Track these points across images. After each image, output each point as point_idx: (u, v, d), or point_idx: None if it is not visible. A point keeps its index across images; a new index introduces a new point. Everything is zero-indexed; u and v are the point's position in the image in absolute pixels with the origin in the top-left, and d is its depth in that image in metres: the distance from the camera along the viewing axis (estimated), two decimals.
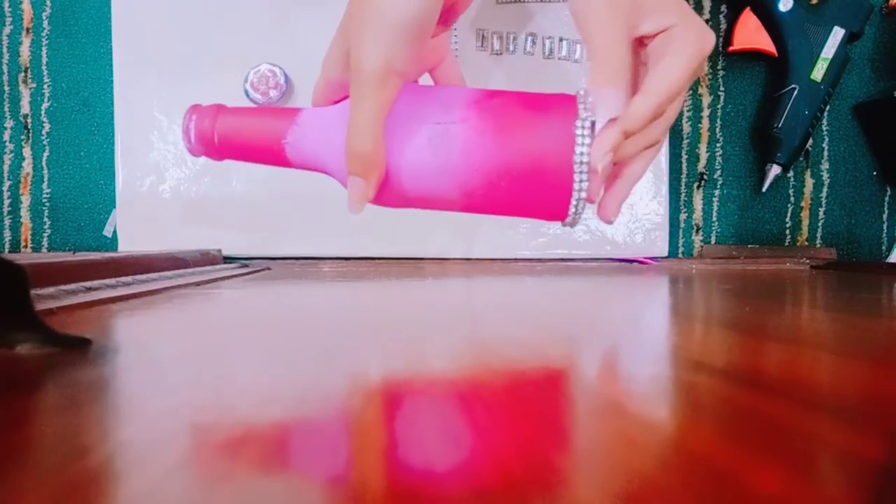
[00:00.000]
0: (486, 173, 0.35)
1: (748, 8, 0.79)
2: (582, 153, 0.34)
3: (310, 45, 0.75)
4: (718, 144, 0.86)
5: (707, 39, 0.36)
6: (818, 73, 0.78)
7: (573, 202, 0.35)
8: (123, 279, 0.45)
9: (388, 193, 0.38)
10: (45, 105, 0.84)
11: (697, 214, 0.86)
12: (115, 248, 0.81)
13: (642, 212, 0.78)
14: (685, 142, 0.86)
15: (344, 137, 0.36)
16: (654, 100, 0.35)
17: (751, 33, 0.79)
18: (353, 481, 0.13)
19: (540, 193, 0.35)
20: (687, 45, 0.35)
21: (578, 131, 0.34)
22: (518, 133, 0.35)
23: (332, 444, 0.15)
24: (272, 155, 0.39)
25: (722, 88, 0.85)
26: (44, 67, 0.83)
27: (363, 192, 0.36)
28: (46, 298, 0.34)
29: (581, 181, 0.34)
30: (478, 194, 0.36)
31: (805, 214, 0.87)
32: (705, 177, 0.86)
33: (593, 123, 0.34)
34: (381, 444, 0.15)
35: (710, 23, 0.84)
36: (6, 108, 0.84)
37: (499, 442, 0.15)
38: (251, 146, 0.40)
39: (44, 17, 0.83)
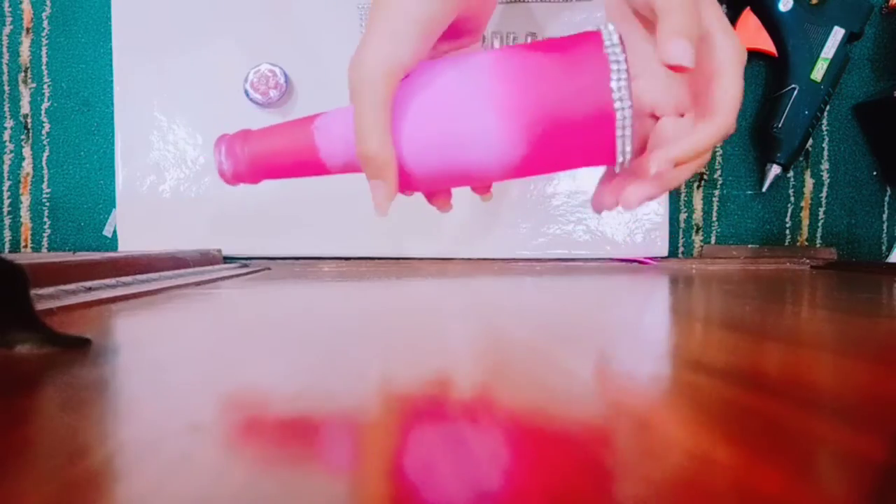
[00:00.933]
0: (526, 132, 0.34)
1: (748, 8, 0.79)
2: (620, 88, 0.32)
3: (310, 44, 0.75)
4: (718, 144, 0.86)
5: (743, 50, 0.36)
6: (818, 73, 0.78)
7: (619, 138, 0.33)
8: (123, 279, 0.45)
9: (429, 177, 0.37)
10: (45, 105, 0.84)
11: (697, 214, 0.86)
12: (114, 248, 0.81)
13: (642, 211, 0.78)
14: None
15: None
16: (727, 121, 0.36)
17: (751, 33, 0.79)
18: (354, 482, 0.13)
19: (584, 137, 0.34)
20: (735, 62, 0.35)
21: (612, 63, 0.33)
22: (550, 83, 0.34)
23: (333, 445, 0.15)
24: (309, 165, 0.39)
25: None
26: (44, 67, 0.83)
27: (384, 192, 0.36)
28: (46, 298, 0.34)
29: (624, 118, 0.33)
30: (522, 155, 0.35)
31: (805, 214, 0.87)
32: (705, 177, 0.86)
33: (624, 52, 0.33)
34: (382, 446, 0.15)
35: None
36: (6, 108, 0.84)
37: (498, 443, 0.15)
38: (285, 162, 0.39)
39: (44, 17, 0.83)
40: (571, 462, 0.13)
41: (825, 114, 0.85)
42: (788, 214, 0.86)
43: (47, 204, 0.84)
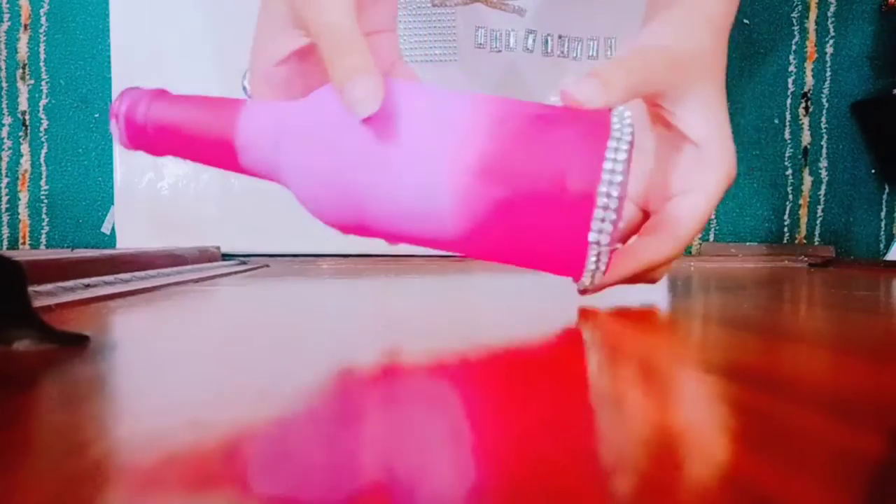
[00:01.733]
0: (482, 204, 0.29)
1: None
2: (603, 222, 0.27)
3: None
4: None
5: (733, 170, 0.33)
6: None
7: (591, 260, 0.29)
8: (122, 276, 0.45)
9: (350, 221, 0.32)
10: (43, 101, 0.83)
11: None
12: (113, 245, 0.81)
13: None
14: None
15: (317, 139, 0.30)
16: (678, 243, 0.33)
17: None
18: (351, 478, 0.13)
19: (551, 240, 0.29)
20: (714, 183, 0.33)
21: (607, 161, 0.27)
22: (532, 164, 0.28)
23: (330, 441, 0.15)
24: (219, 151, 0.32)
25: None
26: (42, 64, 0.83)
27: (367, 83, 0.28)
28: (44, 295, 0.34)
29: (600, 240, 0.27)
30: (468, 229, 0.30)
31: (803, 212, 0.87)
32: None
33: (628, 156, 0.27)
34: (379, 441, 0.15)
35: None
36: (4, 105, 0.84)
37: (495, 440, 0.15)
38: (193, 139, 0.32)
39: (42, 14, 0.83)
40: (568, 458, 0.13)
41: (823, 112, 0.85)
42: (787, 212, 0.87)
43: (45, 201, 0.84)
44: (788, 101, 0.86)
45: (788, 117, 0.86)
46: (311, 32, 0.30)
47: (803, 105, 0.86)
